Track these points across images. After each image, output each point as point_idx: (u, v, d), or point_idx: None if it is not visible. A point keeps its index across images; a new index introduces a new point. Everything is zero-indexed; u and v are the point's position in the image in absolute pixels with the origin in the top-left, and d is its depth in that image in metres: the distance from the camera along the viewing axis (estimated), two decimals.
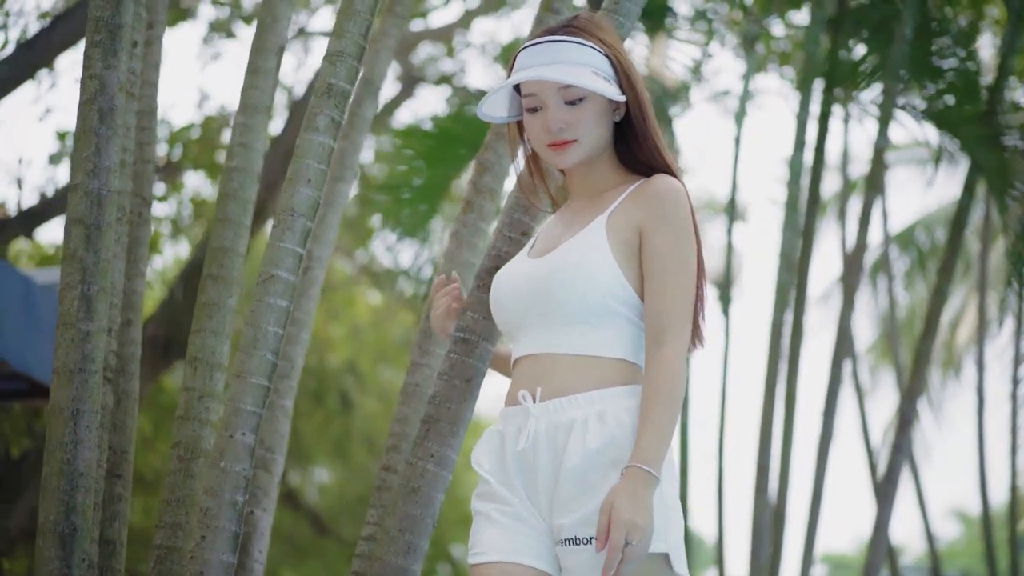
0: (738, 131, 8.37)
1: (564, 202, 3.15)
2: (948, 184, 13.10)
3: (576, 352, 2.86)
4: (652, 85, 7.82)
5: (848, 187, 10.99)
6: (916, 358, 7.64)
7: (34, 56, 9.80)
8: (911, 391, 7.50)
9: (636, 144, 2.99)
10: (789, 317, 7.35)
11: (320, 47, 12.86)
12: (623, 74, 2.95)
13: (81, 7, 9.55)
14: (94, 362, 2.81)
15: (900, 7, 7.08)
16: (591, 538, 2.72)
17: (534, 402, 2.86)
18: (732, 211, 8.81)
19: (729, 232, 8.86)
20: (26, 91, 9.64)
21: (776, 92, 8.88)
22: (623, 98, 2.90)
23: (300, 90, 12.68)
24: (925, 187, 13.59)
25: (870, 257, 12.03)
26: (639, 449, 2.72)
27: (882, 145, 7.27)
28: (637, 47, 8.06)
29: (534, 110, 2.95)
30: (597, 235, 2.88)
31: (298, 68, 13.31)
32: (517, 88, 3.00)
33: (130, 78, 3.37)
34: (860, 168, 11.70)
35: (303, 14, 12.66)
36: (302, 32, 12.84)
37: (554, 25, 2.99)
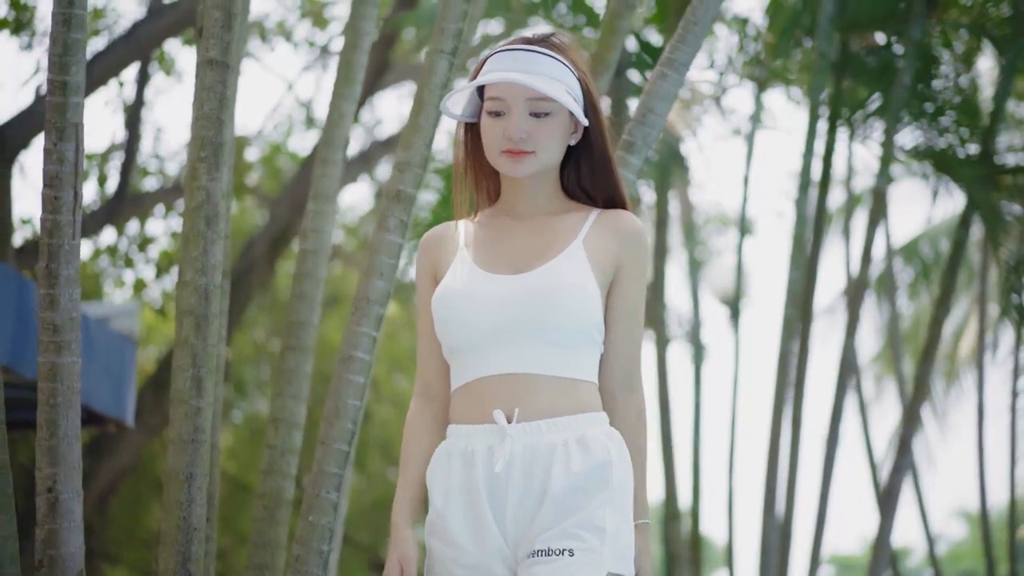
0: (749, 152, 8.80)
1: (473, 212, 3.06)
2: (952, 199, 13.51)
3: (556, 374, 2.83)
4: (667, 136, 8.29)
5: (853, 201, 11.39)
6: (917, 380, 8.09)
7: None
8: (910, 414, 7.96)
9: (590, 172, 2.97)
10: (796, 347, 7.81)
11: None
12: (589, 101, 2.93)
13: (111, 47, 10.06)
14: (204, 432, 3.31)
15: (899, 55, 7.56)
16: (567, 550, 2.72)
17: (509, 422, 2.80)
18: (743, 227, 9.27)
19: (739, 249, 9.34)
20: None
21: (783, 110, 9.35)
22: (585, 121, 2.89)
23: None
24: (928, 203, 13.97)
25: (874, 269, 12.42)
26: (643, 504, 2.87)
27: (883, 185, 7.74)
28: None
29: (497, 114, 2.89)
30: (580, 260, 2.86)
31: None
32: (480, 91, 2.96)
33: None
34: (865, 180, 12.08)
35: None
36: (326, 52, 13.25)
37: (531, 36, 2.97)
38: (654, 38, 8.61)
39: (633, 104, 8.43)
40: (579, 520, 2.74)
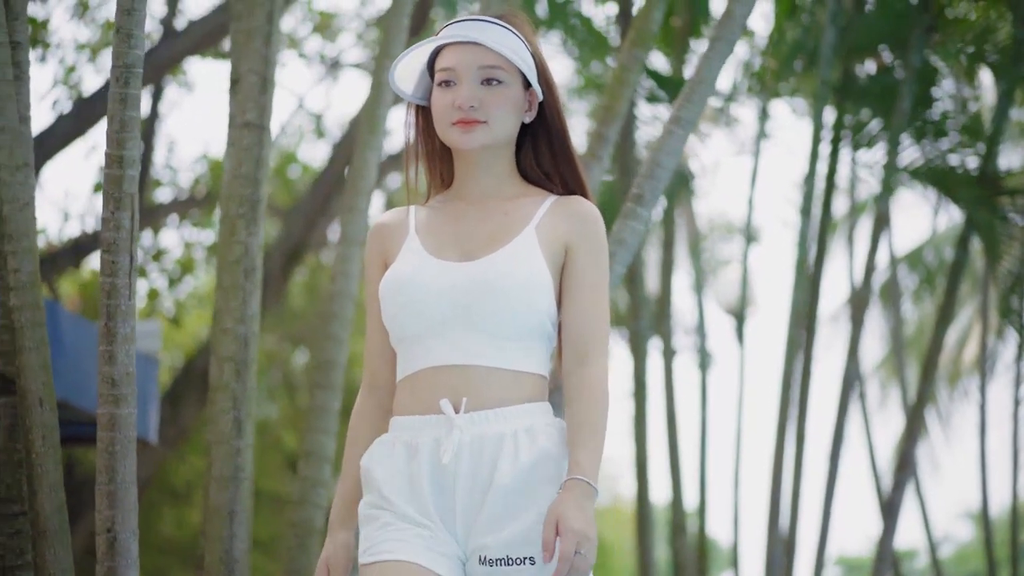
0: (755, 164, 9.03)
1: (422, 198, 2.96)
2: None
3: (503, 366, 2.73)
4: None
5: (856, 209, 11.57)
6: (920, 386, 8.27)
7: (89, 112, 10.54)
8: (913, 420, 8.13)
9: (547, 151, 2.88)
10: (799, 365, 8.04)
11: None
12: (543, 78, 2.85)
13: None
14: (244, 471, 3.55)
15: (899, 80, 7.79)
16: (528, 558, 2.63)
17: (456, 412, 2.70)
18: (748, 236, 9.49)
19: (745, 258, 9.56)
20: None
21: (787, 120, 9.58)
22: (541, 94, 2.83)
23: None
24: (931, 212, 14.18)
25: (878, 277, 12.60)
26: (580, 464, 2.64)
27: (884, 209, 7.97)
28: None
29: (446, 84, 2.79)
30: (532, 248, 2.77)
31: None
32: (431, 71, 2.85)
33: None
34: (869, 187, 12.24)
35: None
36: (336, 65, 13.46)
37: (486, 13, 2.90)
38: (658, 59, 8.83)
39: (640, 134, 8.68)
40: (534, 521, 2.64)
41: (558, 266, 2.79)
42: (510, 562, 2.63)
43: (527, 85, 2.84)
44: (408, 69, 2.86)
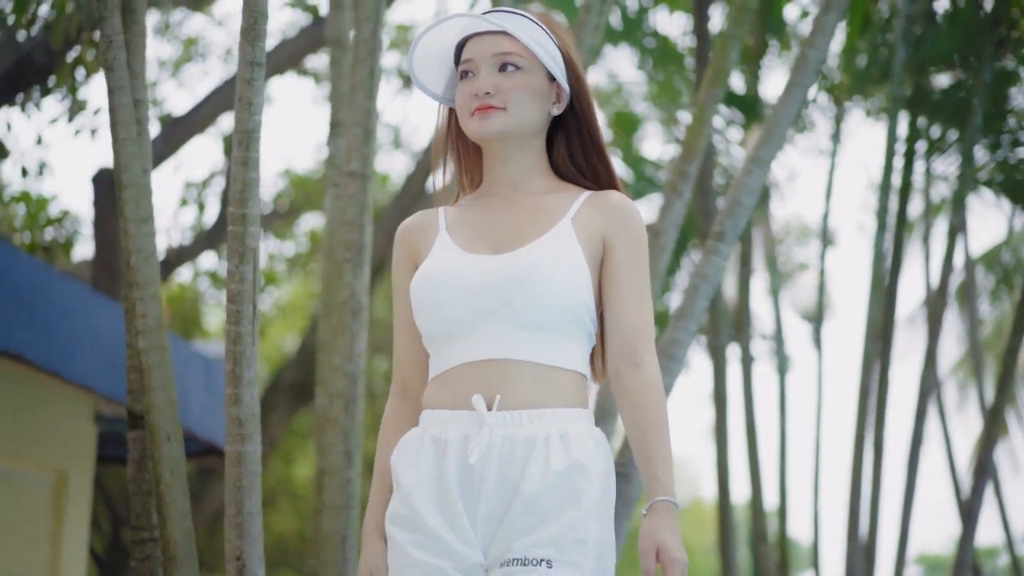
0: (830, 167, 9.17)
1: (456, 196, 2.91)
2: None
3: (540, 360, 2.64)
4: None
5: (932, 211, 11.62)
6: (998, 387, 8.32)
7: (180, 133, 10.92)
8: (988, 434, 8.21)
9: (581, 147, 2.83)
10: (876, 376, 8.16)
11: None
12: (572, 72, 2.79)
13: (213, 95, 10.68)
14: (354, 499, 3.81)
15: (971, 93, 7.90)
16: (545, 560, 2.52)
17: (489, 410, 2.61)
18: (825, 239, 9.62)
19: (822, 261, 9.69)
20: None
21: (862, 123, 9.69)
22: (565, 84, 2.78)
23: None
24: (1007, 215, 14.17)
25: (954, 278, 12.61)
26: (660, 480, 2.57)
27: (957, 223, 8.08)
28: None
29: (466, 74, 2.76)
30: (569, 239, 2.69)
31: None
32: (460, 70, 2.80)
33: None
34: (944, 189, 12.25)
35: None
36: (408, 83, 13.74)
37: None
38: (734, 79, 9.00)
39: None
40: (559, 529, 2.55)
41: (596, 260, 2.72)
42: (526, 563, 2.53)
43: (553, 77, 2.79)
44: (439, 69, 2.83)
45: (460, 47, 2.80)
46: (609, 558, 2.61)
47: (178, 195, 12.91)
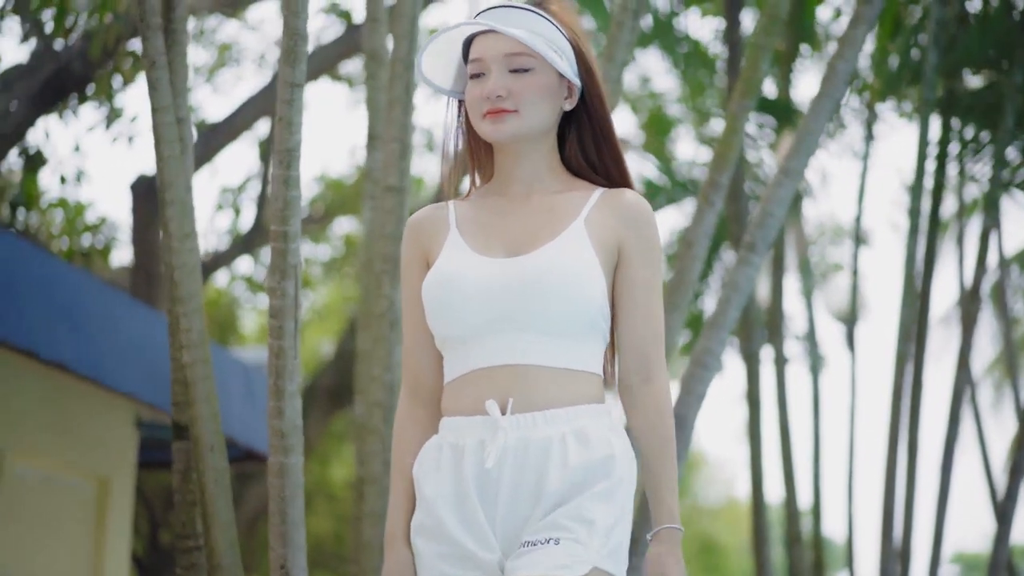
0: (863, 167, 9.18)
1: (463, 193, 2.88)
2: None
3: (555, 364, 2.63)
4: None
5: (966, 210, 11.60)
6: None
7: (217, 140, 11.02)
8: (1023, 438, 8.22)
9: (593, 142, 2.79)
10: (909, 378, 8.16)
11: None
12: (583, 64, 2.76)
13: (249, 103, 10.78)
14: None
15: (1003, 96, 7.89)
16: (551, 539, 2.52)
17: (503, 414, 2.61)
18: (858, 239, 9.63)
19: (855, 261, 9.70)
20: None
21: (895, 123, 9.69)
22: (577, 80, 2.74)
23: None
24: None
25: (988, 278, 12.57)
26: (667, 506, 2.62)
27: (989, 226, 8.09)
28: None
29: (477, 76, 2.72)
30: (581, 241, 2.67)
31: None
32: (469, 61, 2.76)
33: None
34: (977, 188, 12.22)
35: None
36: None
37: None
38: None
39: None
40: (567, 510, 2.55)
41: (611, 263, 2.69)
42: (535, 544, 2.54)
43: None
44: (447, 63, 2.79)
45: (468, 42, 2.78)
46: (620, 544, 2.60)
47: (214, 200, 13.05)
